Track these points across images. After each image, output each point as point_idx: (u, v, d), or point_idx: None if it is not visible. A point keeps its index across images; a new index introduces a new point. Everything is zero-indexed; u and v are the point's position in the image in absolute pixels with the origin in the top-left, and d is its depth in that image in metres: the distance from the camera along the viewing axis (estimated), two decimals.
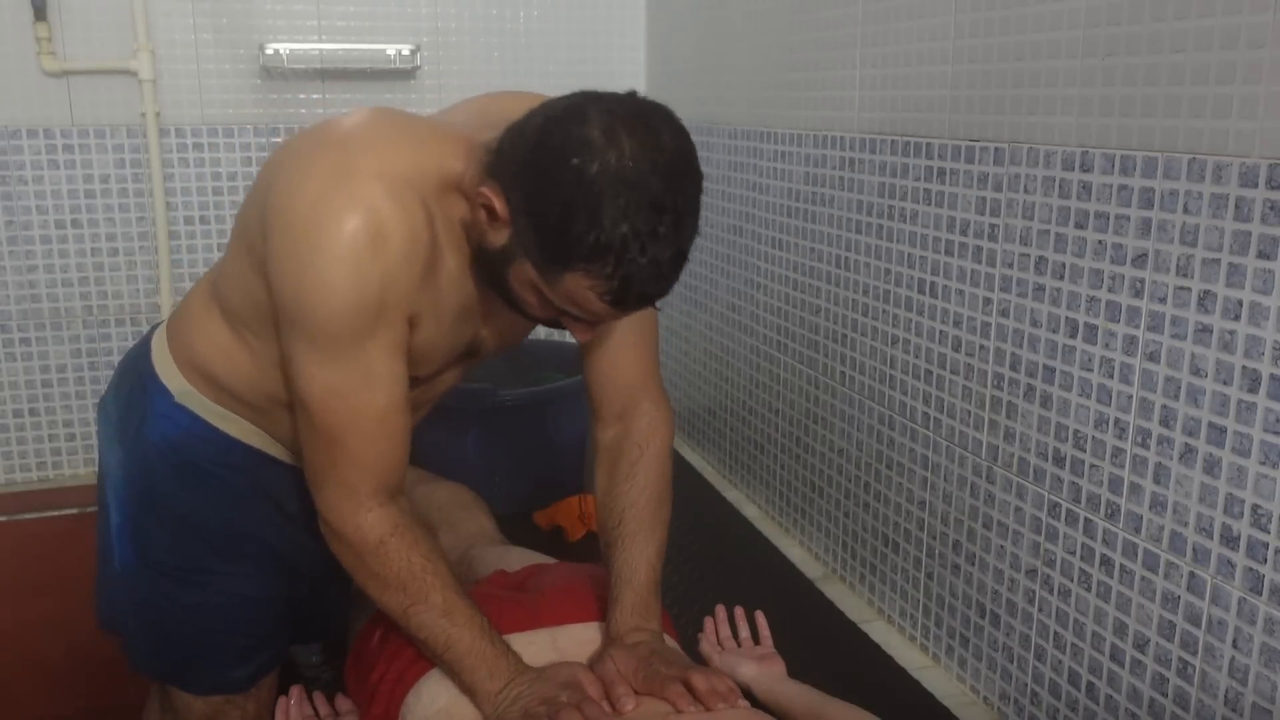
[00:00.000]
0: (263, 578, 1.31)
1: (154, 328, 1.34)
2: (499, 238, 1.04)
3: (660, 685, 1.10)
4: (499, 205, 1.01)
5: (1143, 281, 1.15)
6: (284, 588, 1.33)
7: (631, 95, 1.01)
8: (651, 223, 0.95)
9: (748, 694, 1.27)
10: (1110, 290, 1.19)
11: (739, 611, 1.46)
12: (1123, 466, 1.20)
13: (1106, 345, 1.21)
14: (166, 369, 1.26)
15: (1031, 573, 1.37)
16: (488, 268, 1.09)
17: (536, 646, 1.14)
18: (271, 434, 1.26)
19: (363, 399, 1.08)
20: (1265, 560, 1.04)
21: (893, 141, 1.58)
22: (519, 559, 1.42)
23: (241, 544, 1.29)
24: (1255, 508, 1.05)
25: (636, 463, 1.27)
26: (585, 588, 1.28)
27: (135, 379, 1.29)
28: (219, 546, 1.28)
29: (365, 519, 1.11)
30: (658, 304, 1.06)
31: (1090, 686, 1.29)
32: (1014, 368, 1.36)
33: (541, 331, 2.67)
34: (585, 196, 0.94)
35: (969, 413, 1.46)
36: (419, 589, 1.12)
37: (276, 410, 1.22)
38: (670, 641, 1.24)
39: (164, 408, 1.25)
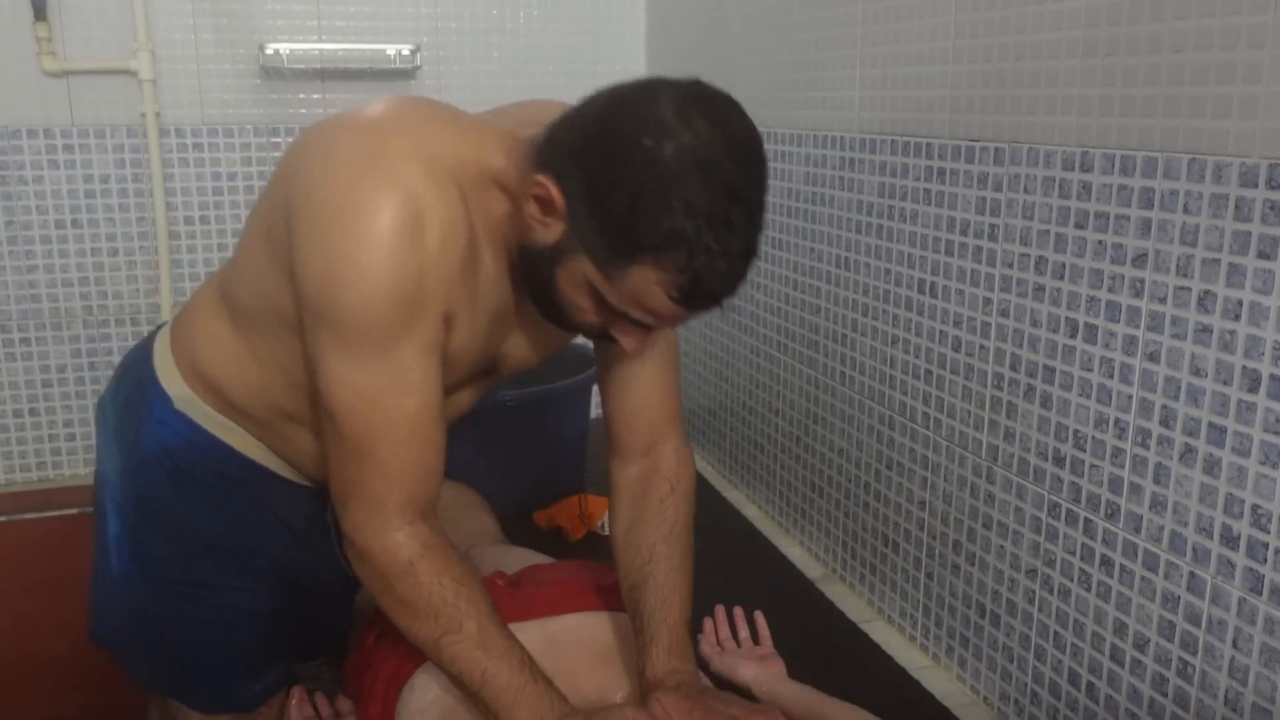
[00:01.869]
0: (266, 592, 1.25)
1: (158, 327, 1.28)
2: (550, 234, 0.96)
3: None
4: (555, 194, 0.93)
5: (1143, 281, 1.15)
6: (288, 603, 1.28)
7: (698, 80, 0.94)
8: (726, 210, 0.88)
9: (747, 694, 1.28)
10: (1110, 290, 1.19)
11: (738, 612, 1.46)
12: (1123, 466, 1.20)
13: (1106, 345, 1.21)
14: (168, 373, 1.20)
15: (1031, 573, 1.37)
16: (532, 270, 1.01)
17: (527, 636, 1.12)
18: (273, 449, 1.20)
19: (394, 402, 0.99)
20: (1265, 560, 1.04)
21: (893, 141, 1.58)
22: (519, 559, 1.42)
23: (243, 557, 1.23)
24: (1255, 508, 1.05)
25: (666, 499, 1.20)
26: (578, 581, 1.28)
27: (134, 382, 1.23)
28: (220, 560, 1.22)
29: (394, 538, 1.02)
30: (724, 304, 0.97)
31: (1090, 686, 1.29)
32: (1014, 368, 1.36)
33: None
34: (659, 179, 0.87)
35: (969, 413, 1.46)
36: (452, 617, 1.02)
37: (280, 424, 1.17)
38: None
39: (162, 414, 1.18)
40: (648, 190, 0.87)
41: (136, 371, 1.23)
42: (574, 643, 1.19)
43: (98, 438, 1.30)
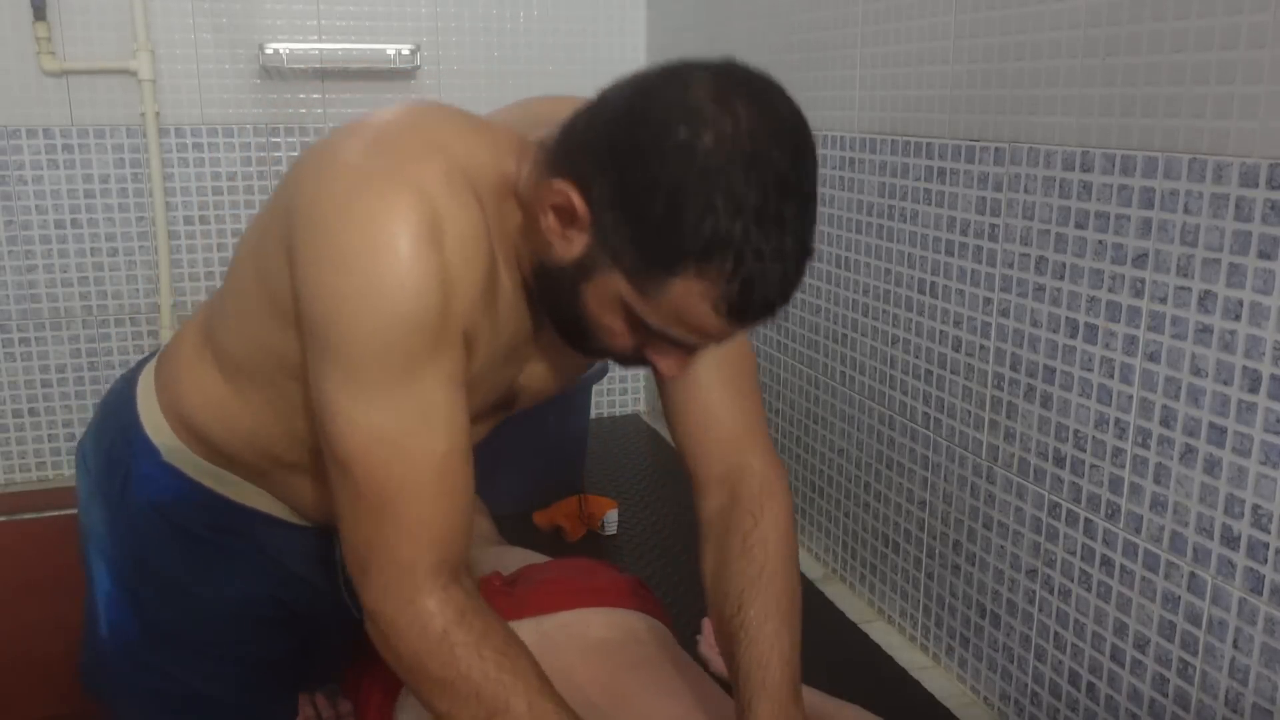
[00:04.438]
0: (273, 638, 1.18)
1: (140, 364, 1.17)
2: (573, 247, 0.84)
3: None
4: (578, 202, 0.81)
5: (1143, 281, 1.15)
6: (294, 642, 1.21)
7: (731, 60, 0.82)
8: (779, 206, 0.77)
9: None
10: (1110, 290, 1.19)
11: None
12: (1123, 466, 1.20)
13: (1107, 345, 1.21)
14: (153, 420, 1.09)
15: (1032, 573, 1.37)
16: (552, 291, 0.88)
17: (522, 634, 1.10)
18: (272, 493, 1.11)
19: (419, 445, 0.85)
20: (1265, 560, 1.04)
21: (893, 141, 1.58)
22: (516, 559, 1.42)
23: (250, 607, 1.15)
24: (1256, 508, 1.05)
25: (751, 533, 1.03)
26: (573, 579, 1.28)
27: (118, 430, 1.12)
28: (227, 615, 1.14)
29: (425, 605, 0.87)
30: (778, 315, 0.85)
31: (1090, 686, 1.29)
32: (1014, 368, 1.36)
33: None
34: (700, 175, 0.76)
35: (969, 413, 1.46)
36: (497, 694, 0.87)
37: (278, 472, 1.07)
38: (660, 626, 1.22)
39: (150, 468, 1.08)
40: (687, 188, 0.76)
41: (120, 418, 1.13)
42: (568, 638, 1.18)
43: (79, 483, 1.19)
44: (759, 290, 0.79)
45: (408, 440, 0.85)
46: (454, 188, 0.84)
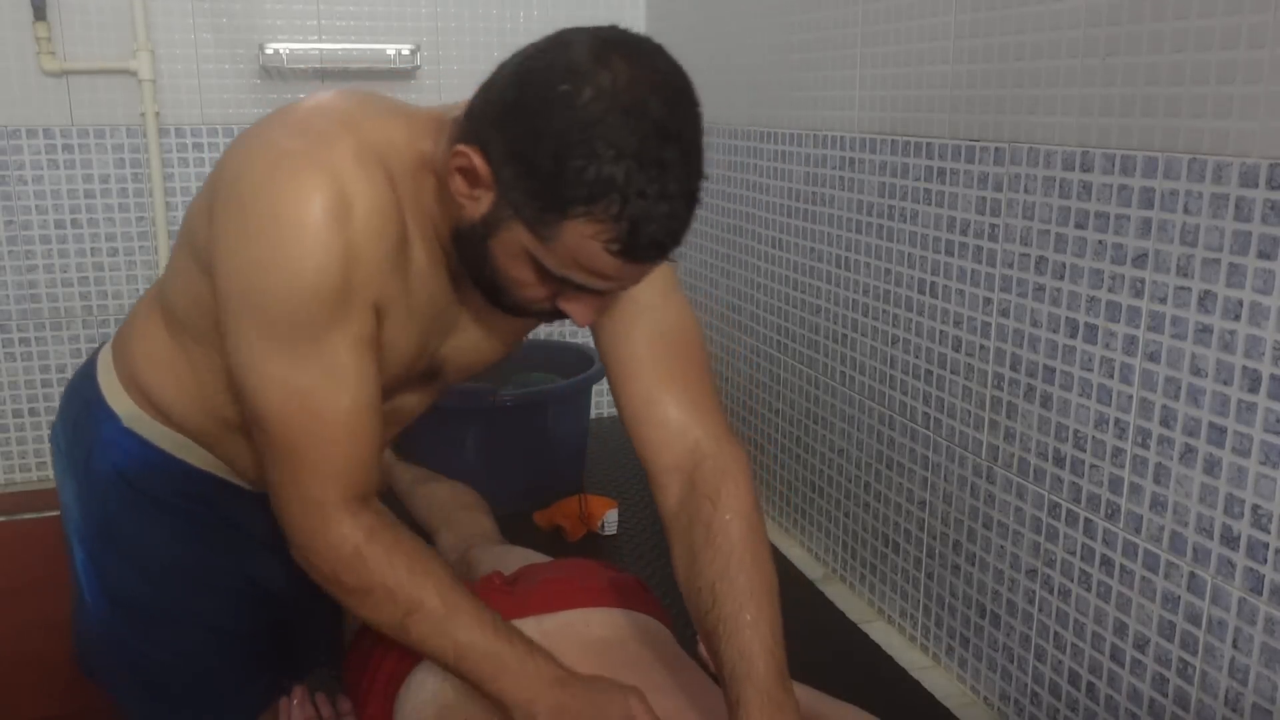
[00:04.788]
0: (241, 610, 1.20)
1: (101, 345, 1.22)
2: (480, 205, 0.90)
3: None
4: (479, 162, 0.88)
5: (1143, 281, 1.15)
6: (267, 618, 1.23)
7: (613, 25, 0.89)
8: (658, 150, 0.83)
9: None
10: (1110, 290, 1.19)
11: None
12: (1123, 466, 1.20)
13: (1106, 345, 1.21)
14: (112, 390, 1.14)
15: (1031, 573, 1.37)
16: (468, 249, 0.94)
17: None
18: (227, 460, 1.14)
19: (325, 400, 0.93)
20: (1265, 560, 1.04)
21: (893, 141, 1.58)
22: (517, 559, 1.42)
23: (214, 577, 1.18)
24: (1255, 508, 1.05)
25: (712, 522, 1.01)
26: (573, 578, 1.27)
27: (81, 404, 1.17)
28: (190, 581, 1.17)
29: (336, 531, 0.96)
30: (672, 256, 0.90)
31: (1090, 686, 1.29)
32: (1014, 368, 1.36)
33: (542, 330, 2.67)
34: (580, 125, 0.82)
35: (969, 413, 1.46)
36: (410, 595, 0.97)
37: (226, 435, 1.11)
38: (660, 626, 1.22)
39: (112, 434, 1.12)
40: (570, 138, 0.82)
41: (83, 393, 1.18)
42: (569, 637, 1.18)
43: (54, 467, 1.23)
44: (645, 229, 0.84)
45: (314, 396, 0.94)
46: (365, 167, 0.91)
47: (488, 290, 0.98)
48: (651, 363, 1.06)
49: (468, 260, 0.96)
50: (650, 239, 0.85)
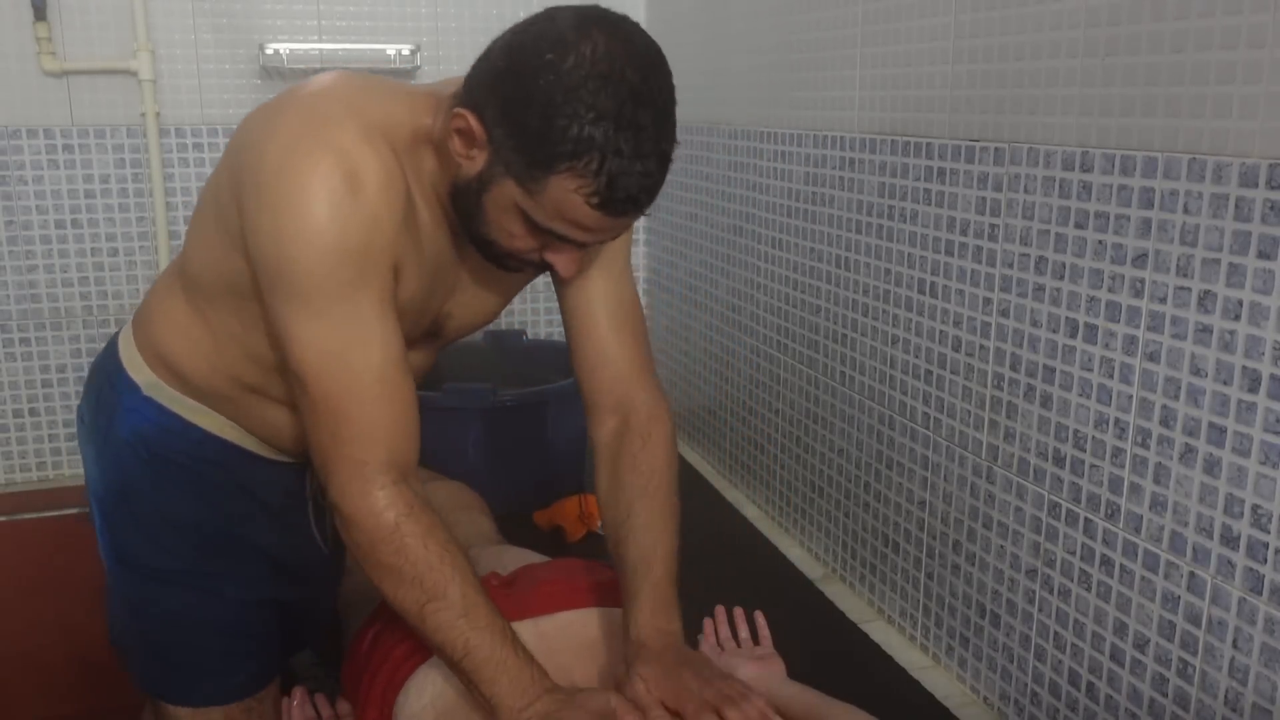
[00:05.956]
0: (249, 578, 1.25)
1: (121, 327, 1.30)
2: (475, 164, 1.00)
3: (694, 713, 1.02)
4: (474, 124, 0.97)
5: (1143, 281, 1.15)
6: (273, 589, 1.28)
7: (595, 4, 0.99)
8: (634, 114, 0.93)
9: None
10: (1110, 290, 1.19)
11: (739, 612, 1.46)
12: (1123, 466, 1.20)
13: (1106, 345, 1.21)
14: (133, 362, 1.22)
15: (1031, 573, 1.37)
16: (464, 205, 1.04)
17: (521, 635, 1.12)
18: (244, 426, 1.21)
19: (359, 356, 1.02)
20: (1265, 560, 1.04)
21: (893, 141, 1.58)
22: (515, 559, 1.42)
23: (223, 542, 1.23)
24: (1255, 508, 1.05)
25: (639, 454, 1.20)
26: (571, 579, 1.28)
27: (104, 378, 1.25)
28: (199, 545, 1.22)
29: (377, 497, 1.02)
30: (648, 211, 1.01)
31: (1090, 686, 1.29)
32: (1014, 368, 1.36)
33: (541, 330, 2.67)
34: (564, 90, 0.92)
35: (969, 413, 1.46)
36: (437, 583, 1.02)
37: (245, 399, 1.18)
38: None
39: (132, 402, 1.20)
40: (555, 101, 0.92)
41: (105, 368, 1.26)
42: (566, 638, 1.18)
43: (81, 445, 1.30)
44: (622, 184, 0.94)
45: (349, 352, 1.02)
46: (370, 143, 1.01)
47: (481, 243, 1.07)
48: (607, 320, 1.22)
49: (464, 215, 1.06)
50: (626, 193, 0.95)
